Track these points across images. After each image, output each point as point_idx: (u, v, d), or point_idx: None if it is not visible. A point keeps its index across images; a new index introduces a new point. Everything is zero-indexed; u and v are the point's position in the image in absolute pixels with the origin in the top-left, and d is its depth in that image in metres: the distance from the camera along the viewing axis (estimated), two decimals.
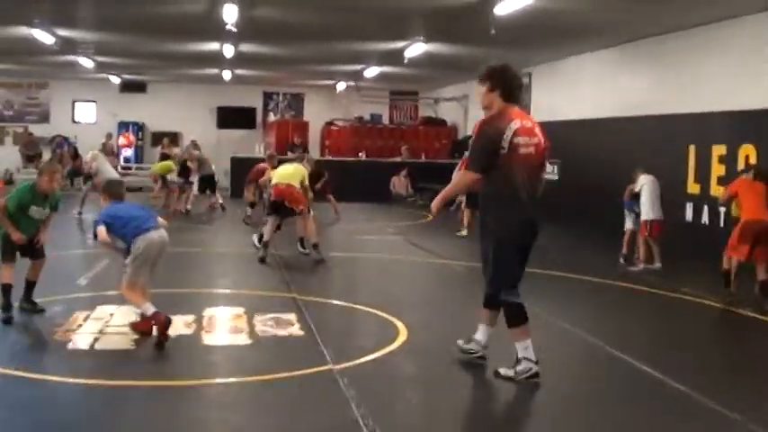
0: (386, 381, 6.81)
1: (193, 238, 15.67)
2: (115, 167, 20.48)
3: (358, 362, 7.00)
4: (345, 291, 10.79)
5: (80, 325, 8.14)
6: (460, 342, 7.17)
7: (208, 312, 8.85)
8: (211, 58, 21.62)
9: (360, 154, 27.39)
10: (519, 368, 6.57)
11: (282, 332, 8.08)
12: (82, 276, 10.87)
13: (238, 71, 25.62)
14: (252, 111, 31.72)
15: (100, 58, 22.94)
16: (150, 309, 7.49)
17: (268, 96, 32.02)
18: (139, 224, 7.71)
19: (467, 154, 7.96)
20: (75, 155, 27.70)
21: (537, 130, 6.60)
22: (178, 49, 20.56)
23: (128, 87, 30.69)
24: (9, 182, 28.75)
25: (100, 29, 17.96)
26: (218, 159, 25.45)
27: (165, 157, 22.69)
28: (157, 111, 30.87)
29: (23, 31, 17.14)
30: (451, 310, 9.64)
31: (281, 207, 12.76)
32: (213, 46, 19.44)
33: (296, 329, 8.19)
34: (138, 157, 31.21)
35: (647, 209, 12.71)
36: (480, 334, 7.02)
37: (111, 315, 8.57)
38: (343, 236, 16.72)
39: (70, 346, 7.42)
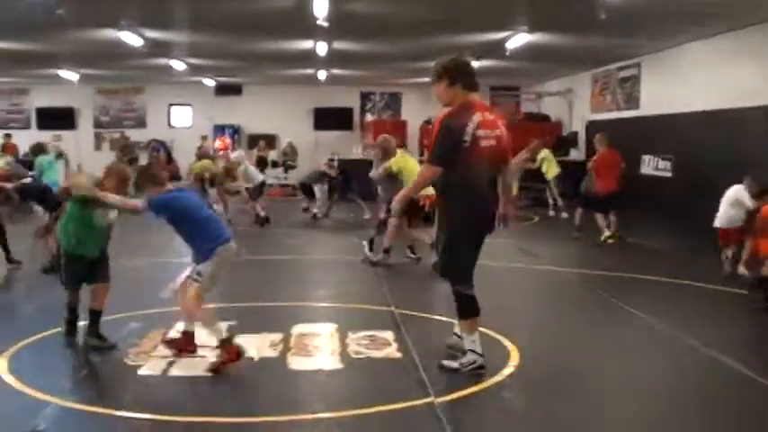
0: (495, 419, 5.90)
1: (286, 243, 14.96)
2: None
3: (463, 393, 6.08)
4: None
5: (156, 345, 7.42)
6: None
7: (297, 330, 8.04)
8: (305, 58, 20.95)
9: None
10: (464, 360, 6.63)
11: (378, 354, 7.22)
12: (165, 289, 10.10)
13: (334, 71, 24.96)
14: (349, 111, 31.09)
15: (192, 61, 22.53)
16: (223, 332, 6.73)
17: (365, 96, 31.32)
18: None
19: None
20: (170, 159, 27.47)
21: (499, 122, 6.65)
22: (271, 49, 19.94)
23: (223, 90, 30.42)
24: None
25: (189, 29, 17.48)
26: (315, 161, 24.97)
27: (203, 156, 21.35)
28: (253, 113, 30.54)
29: (111, 33, 16.69)
30: (567, 328, 8.63)
31: (412, 207, 11.11)
32: (306, 44, 18.76)
33: (393, 350, 7.32)
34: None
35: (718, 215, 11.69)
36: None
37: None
38: None
39: (142, 371, 6.68)
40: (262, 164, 24.15)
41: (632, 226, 15.85)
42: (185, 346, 7.04)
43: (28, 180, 12.78)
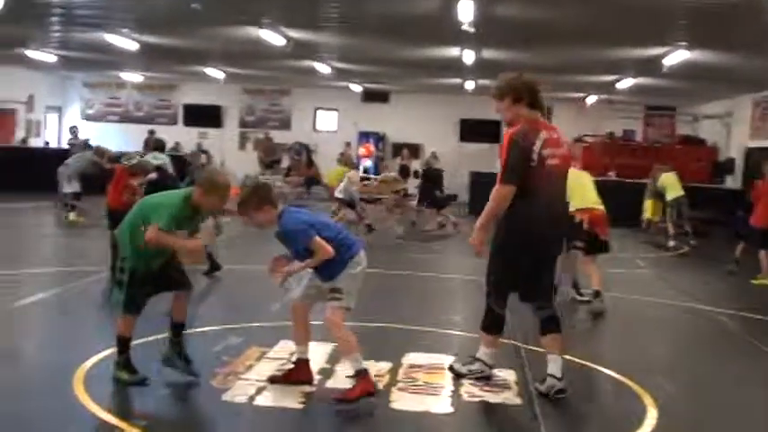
0: None
1: (417, 258, 14.18)
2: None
3: None
4: (581, 341, 8.85)
5: (250, 365, 6.74)
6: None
7: (408, 359, 7.23)
8: (452, 66, 20.20)
9: (609, 173, 25.11)
10: (473, 367, 6.71)
11: (494, 398, 6.31)
12: (276, 300, 9.33)
13: (481, 81, 24.10)
14: (496, 124, 30.04)
15: (338, 65, 22.10)
16: (361, 361, 5.95)
17: None
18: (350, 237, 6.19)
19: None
20: (310, 163, 27.17)
21: (562, 142, 6.48)
22: (417, 56, 19.34)
23: (370, 97, 30.05)
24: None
25: (333, 31, 16.99)
26: (457, 173, 24.27)
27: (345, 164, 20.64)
28: (399, 121, 30.05)
29: (252, 32, 16.32)
30: (712, 380, 7.52)
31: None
32: (453, 51, 18.00)
33: (512, 395, 6.40)
34: (377, 168, 30.37)
35: None
36: (553, 366, 6.40)
37: (294, 354, 7.14)
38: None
39: (226, 396, 5.98)
40: (404, 173, 23.48)
41: None
42: (300, 376, 6.27)
43: (153, 176, 12.36)
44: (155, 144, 15.97)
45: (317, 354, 6.81)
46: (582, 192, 10.01)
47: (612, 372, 7.21)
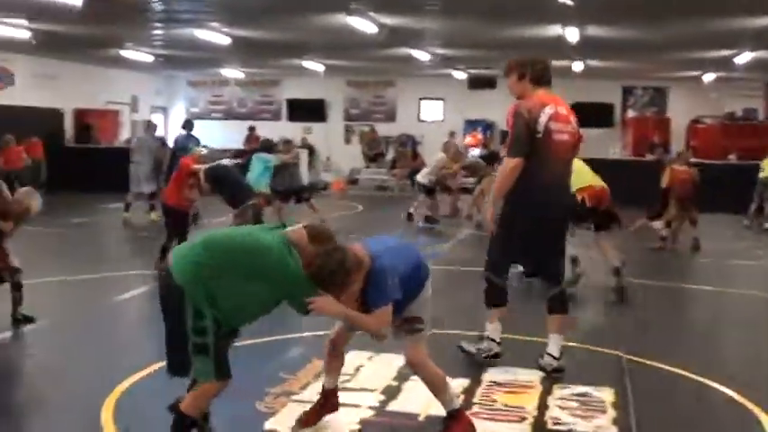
0: None
1: None
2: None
3: None
4: (696, 349, 7.70)
5: (307, 383, 5.93)
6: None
7: (490, 376, 6.30)
8: (555, 46, 18.92)
9: (729, 156, 23.46)
10: (482, 346, 6.68)
11: (585, 425, 5.30)
12: None
13: (590, 62, 22.80)
14: (609, 107, 28.66)
15: (438, 51, 21.13)
16: (455, 399, 5.11)
17: (627, 91, 28.78)
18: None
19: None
20: (415, 154, 26.36)
21: (572, 118, 6.48)
22: (518, 36, 18.16)
23: (476, 83, 28.95)
24: (353, 181, 28.08)
25: (426, 15, 15.98)
26: None
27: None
28: (507, 108, 28.80)
29: (340, 19, 15.52)
30: None
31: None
32: (555, 30, 16.82)
33: (607, 422, 5.38)
34: (489, 156, 29.27)
35: None
36: (552, 346, 6.47)
37: (359, 369, 6.30)
38: (704, 259, 13.18)
39: (269, 424, 5.17)
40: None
41: None
42: (328, 409, 5.26)
43: (226, 161, 11.54)
44: (263, 144, 15.40)
45: (382, 365, 5.96)
46: (575, 175, 9.01)
47: (729, 390, 6.10)
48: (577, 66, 23.32)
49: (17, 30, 17.60)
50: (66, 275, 10.38)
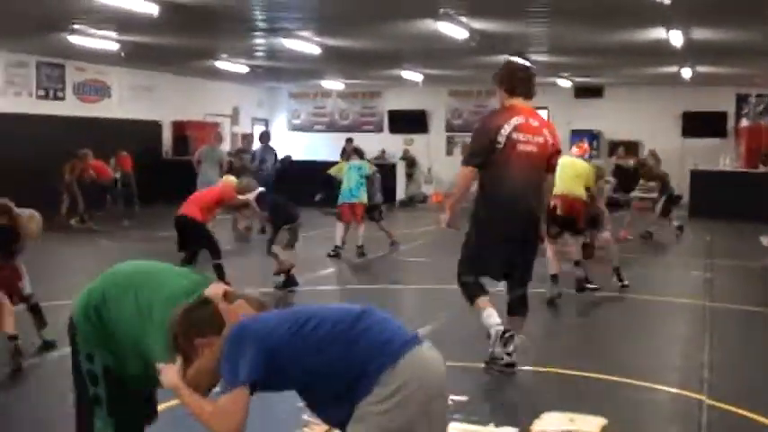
0: None
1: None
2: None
3: None
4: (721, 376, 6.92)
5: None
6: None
7: (542, 424, 5.58)
8: (660, 51, 18.01)
9: None
10: (491, 340, 6.55)
11: None
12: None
13: (700, 68, 21.67)
14: (722, 116, 27.31)
15: (539, 58, 20.36)
16: None
17: (742, 99, 27.39)
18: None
19: None
20: None
21: (545, 131, 6.64)
22: (623, 41, 17.31)
23: (582, 92, 28.15)
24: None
25: (521, 19, 15.31)
26: (679, 172, 22.13)
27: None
28: (614, 117, 27.93)
29: (429, 25, 14.99)
30: None
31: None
32: (658, 33, 15.90)
33: None
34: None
35: None
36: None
37: None
38: None
39: None
40: (621, 175, 21.21)
41: None
42: None
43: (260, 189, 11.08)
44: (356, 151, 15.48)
45: None
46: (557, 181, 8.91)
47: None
48: (686, 72, 22.24)
49: (106, 41, 17.66)
50: None
